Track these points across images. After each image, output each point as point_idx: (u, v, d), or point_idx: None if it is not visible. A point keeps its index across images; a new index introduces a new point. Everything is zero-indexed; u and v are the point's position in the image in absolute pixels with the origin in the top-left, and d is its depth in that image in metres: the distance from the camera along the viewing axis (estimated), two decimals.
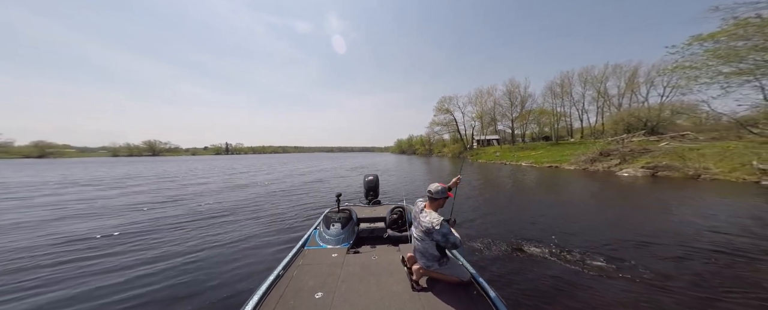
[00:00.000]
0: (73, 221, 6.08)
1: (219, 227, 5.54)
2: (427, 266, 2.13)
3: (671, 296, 2.75)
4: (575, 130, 44.29)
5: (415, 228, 2.31)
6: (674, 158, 14.28)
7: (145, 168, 26.14)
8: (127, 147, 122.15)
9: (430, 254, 2.13)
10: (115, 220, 6.21)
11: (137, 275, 3.37)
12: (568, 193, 9.48)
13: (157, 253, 4.13)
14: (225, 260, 3.81)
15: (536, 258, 3.71)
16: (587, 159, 19.20)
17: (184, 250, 4.25)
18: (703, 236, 4.59)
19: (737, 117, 8.88)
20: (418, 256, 2.20)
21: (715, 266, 3.43)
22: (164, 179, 15.97)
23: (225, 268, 3.54)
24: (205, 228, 5.48)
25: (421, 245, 2.16)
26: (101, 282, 3.21)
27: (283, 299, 1.95)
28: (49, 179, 15.65)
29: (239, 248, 4.30)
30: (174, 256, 4.00)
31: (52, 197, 9.58)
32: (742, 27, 7.14)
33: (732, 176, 11.47)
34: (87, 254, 4.12)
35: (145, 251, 4.21)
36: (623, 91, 35.94)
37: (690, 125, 21.16)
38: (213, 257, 3.96)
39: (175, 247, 4.40)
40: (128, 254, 4.10)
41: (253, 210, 7.21)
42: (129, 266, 3.64)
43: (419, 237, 2.19)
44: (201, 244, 4.54)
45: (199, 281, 3.20)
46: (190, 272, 3.43)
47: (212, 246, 4.41)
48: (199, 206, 7.74)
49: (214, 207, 7.64)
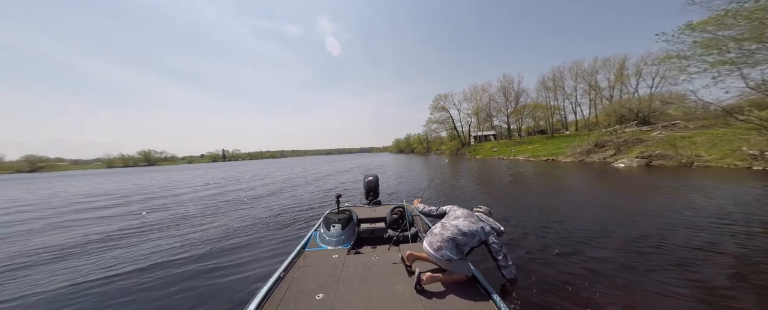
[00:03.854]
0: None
1: (218, 229, 5.54)
2: (448, 258, 2.17)
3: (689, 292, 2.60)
4: (570, 122, 44.89)
5: (463, 220, 2.41)
6: (667, 147, 14.65)
7: (150, 178, 25.94)
8: (122, 158, 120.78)
9: (460, 251, 2.21)
10: (108, 225, 6.28)
11: (133, 280, 3.35)
12: (567, 184, 9.72)
13: (154, 257, 4.06)
14: (225, 264, 3.78)
15: (539, 254, 3.62)
16: (583, 151, 19.51)
17: (184, 253, 4.19)
18: (683, 227, 4.80)
19: (724, 105, 9.18)
20: (449, 247, 2.21)
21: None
22: (164, 187, 15.95)
23: (225, 271, 3.53)
24: (204, 231, 5.47)
25: (462, 239, 2.25)
26: (100, 282, 3.23)
27: (284, 301, 1.94)
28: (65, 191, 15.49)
29: (239, 251, 4.24)
30: (173, 260, 3.95)
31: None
32: (731, 16, 7.32)
33: (724, 162, 11.80)
34: (88, 254, 4.12)
35: (140, 256, 4.14)
36: (613, 84, 36.63)
37: (680, 114, 21.63)
38: (213, 260, 3.91)
39: (173, 250, 4.36)
40: (124, 257, 4.07)
41: (252, 212, 7.30)
42: (125, 271, 3.63)
43: (469, 229, 2.31)
44: (201, 246, 4.52)
45: (199, 285, 3.17)
46: (189, 277, 3.40)
47: (212, 249, 4.37)
48: (201, 210, 7.81)
49: (214, 210, 7.72)
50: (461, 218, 2.45)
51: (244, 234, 5.19)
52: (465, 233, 2.29)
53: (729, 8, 7.18)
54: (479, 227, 2.38)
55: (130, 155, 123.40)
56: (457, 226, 2.35)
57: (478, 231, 2.35)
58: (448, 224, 2.40)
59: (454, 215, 2.54)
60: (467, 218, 2.44)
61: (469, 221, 2.40)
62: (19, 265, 4.21)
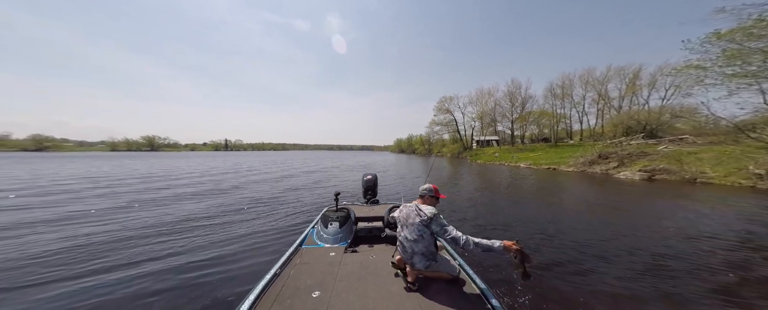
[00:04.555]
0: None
1: (215, 226, 5.52)
2: (425, 266, 2.07)
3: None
4: (574, 132, 44.40)
5: (405, 228, 2.19)
6: (671, 162, 14.37)
7: (147, 164, 25.96)
8: (126, 142, 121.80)
9: (428, 252, 2.07)
10: (96, 225, 6.22)
11: (129, 276, 3.31)
12: (566, 196, 9.52)
13: (150, 253, 4.02)
14: (221, 260, 3.75)
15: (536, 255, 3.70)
16: (585, 161, 19.29)
17: (179, 250, 4.15)
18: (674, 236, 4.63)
19: (736, 121, 8.89)
20: (417, 259, 2.09)
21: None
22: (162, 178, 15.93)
23: (221, 267, 3.50)
24: (200, 227, 5.42)
25: (417, 246, 2.08)
26: (97, 283, 3.19)
27: (279, 297, 1.94)
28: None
29: (235, 247, 4.21)
30: (168, 256, 3.91)
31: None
32: (765, 26, 6.91)
33: (727, 180, 11.57)
34: (87, 253, 4.14)
35: (137, 253, 4.07)
36: (624, 94, 36.03)
37: (689, 129, 21.25)
38: (209, 256, 3.88)
39: (169, 247, 4.31)
40: (121, 255, 4.02)
41: (250, 209, 7.22)
42: (120, 267, 3.56)
43: (414, 236, 2.10)
44: (197, 243, 4.46)
45: (195, 281, 3.15)
46: (184, 272, 3.37)
47: (208, 245, 4.33)
48: (196, 205, 7.74)
49: (213, 204, 7.65)
50: (404, 226, 2.23)
51: (241, 231, 5.13)
52: (415, 240, 2.10)
53: (762, 17, 6.78)
54: (419, 222, 2.11)
55: (133, 140, 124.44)
56: (406, 237, 2.17)
57: (422, 229, 2.10)
58: (401, 237, 2.23)
59: (399, 223, 2.31)
60: (408, 223, 2.19)
61: (409, 226, 2.16)
62: None
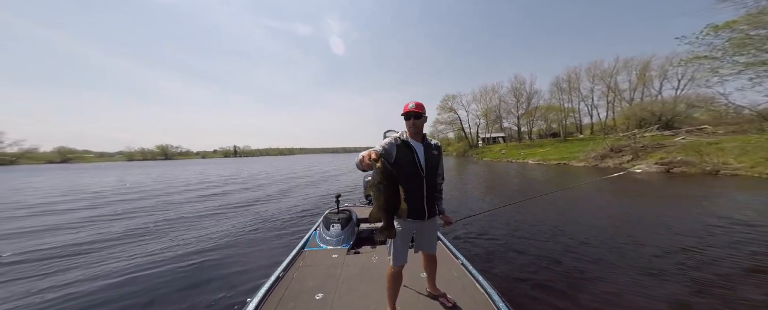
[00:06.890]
0: None
1: (217, 228, 5.47)
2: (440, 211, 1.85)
3: None
4: (584, 126, 43.01)
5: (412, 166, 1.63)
6: (690, 153, 13.48)
7: (161, 173, 26.49)
8: (142, 152, 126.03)
9: (440, 189, 1.83)
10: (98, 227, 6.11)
11: (131, 278, 3.30)
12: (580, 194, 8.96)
13: (151, 256, 4.00)
14: (224, 263, 3.71)
15: (541, 257, 3.49)
16: (597, 155, 18.46)
17: (181, 252, 4.12)
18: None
19: (759, 109, 8.20)
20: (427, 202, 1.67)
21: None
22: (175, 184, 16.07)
23: (224, 271, 3.46)
24: (202, 229, 5.41)
25: (430, 183, 1.66)
26: (95, 282, 3.18)
27: (283, 301, 1.94)
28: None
29: (238, 250, 4.19)
30: (170, 258, 3.87)
31: None
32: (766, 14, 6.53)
33: (754, 170, 10.70)
34: (86, 255, 3.98)
35: (139, 255, 4.08)
36: (635, 85, 34.61)
37: (707, 118, 20.08)
38: (211, 259, 3.85)
39: (171, 249, 4.28)
40: (124, 255, 4.04)
41: (251, 211, 7.10)
42: (123, 268, 3.56)
43: (429, 169, 1.65)
44: (199, 245, 4.44)
45: (198, 284, 3.13)
46: (187, 275, 3.35)
47: (211, 248, 4.32)
48: (196, 208, 7.61)
49: (212, 208, 7.51)
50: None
51: (243, 233, 5.14)
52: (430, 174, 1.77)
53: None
54: (435, 147, 1.82)
55: (149, 149, 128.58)
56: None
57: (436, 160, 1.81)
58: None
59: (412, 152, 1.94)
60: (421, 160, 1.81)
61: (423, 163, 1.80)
62: None
